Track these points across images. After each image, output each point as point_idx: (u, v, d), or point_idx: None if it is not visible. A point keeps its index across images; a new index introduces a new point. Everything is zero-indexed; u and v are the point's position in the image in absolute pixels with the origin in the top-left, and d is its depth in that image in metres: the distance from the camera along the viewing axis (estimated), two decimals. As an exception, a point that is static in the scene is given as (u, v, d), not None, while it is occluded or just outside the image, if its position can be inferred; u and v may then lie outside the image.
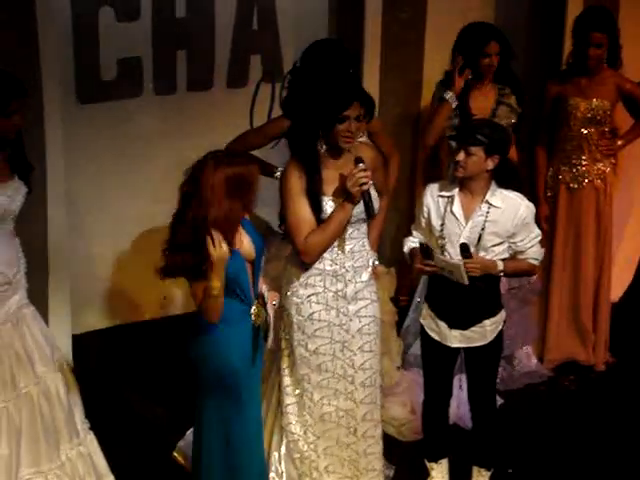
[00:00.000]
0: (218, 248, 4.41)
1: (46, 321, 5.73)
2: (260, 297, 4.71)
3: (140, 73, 6.57)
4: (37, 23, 5.84)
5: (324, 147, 4.93)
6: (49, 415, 4.86)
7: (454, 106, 5.98)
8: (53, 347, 5.00)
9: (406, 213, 6.84)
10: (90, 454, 5.08)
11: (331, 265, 5.01)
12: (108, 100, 6.52)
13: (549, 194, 6.59)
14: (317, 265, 5.01)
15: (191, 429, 5.44)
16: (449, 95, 5.97)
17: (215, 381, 4.67)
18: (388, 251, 6.57)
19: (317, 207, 4.91)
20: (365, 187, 4.83)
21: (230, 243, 4.49)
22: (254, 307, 4.66)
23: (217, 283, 4.43)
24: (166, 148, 6.73)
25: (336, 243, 4.99)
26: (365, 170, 4.82)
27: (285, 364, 5.16)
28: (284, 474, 5.21)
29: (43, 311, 5.82)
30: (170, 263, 4.49)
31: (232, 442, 4.75)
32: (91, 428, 5.16)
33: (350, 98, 4.86)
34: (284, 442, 5.20)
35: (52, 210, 6.10)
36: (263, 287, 4.75)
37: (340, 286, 5.04)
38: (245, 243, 4.62)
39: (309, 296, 5.02)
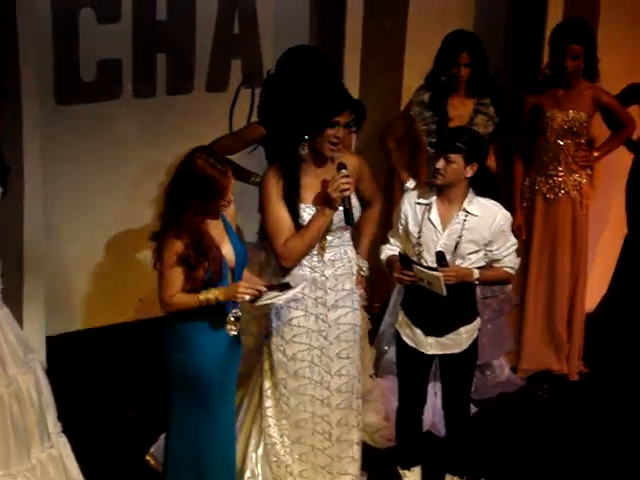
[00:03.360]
0: (245, 295, 4.55)
1: (20, 322, 5.69)
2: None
3: (120, 75, 6.57)
4: (17, 23, 5.83)
5: (306, 153, 4.91)
6: (20, 417, 4.82)
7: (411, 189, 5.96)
8: (27, 348, 4.96)
9: (383, 220, 6.85)
10: (62, 457, 5.04)
11: (310, 272, 5.00)
12: (87, 102, 6.52)
13: (525, 204, 6.61)
14: (296, 272, 5.00)
15: (164, 433, 5.43)
16: (409, 186, 6.03)
17: (186, 386, 4.68)
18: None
19: (294, 213, 4.91)
20: (346, 193, 4.84)
21: (190, 238, 4.48)
22: (229, 317, 4.66)
23: (214, 299, 4.53)
24: (144, 151, 6.73)
25: (315, 251, 4.99)
26: (347, 176, 4.83)
27: (266, 367, 5.15)
28: (260, 476, 5.20)
29: (17, 312, 5.79)
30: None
31: (200, 447, 4.75)
32: (64, 431, 5.12)
33: (344, 102, 4.87)
34: (262, 444, 5.19)
35: (29, 211, 6.08)
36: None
37: (320, 293, 5.03)
38: (225, 250, 4.62)
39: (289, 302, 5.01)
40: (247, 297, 4.58)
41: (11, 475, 4.78)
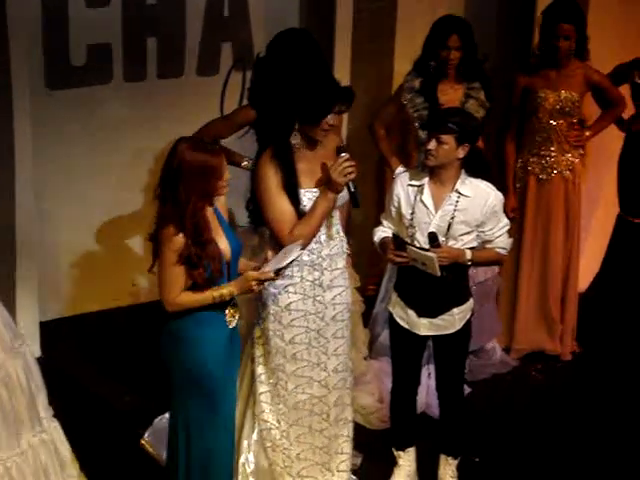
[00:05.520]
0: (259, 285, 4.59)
1: (13, 308, 5.70)
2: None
3: (110, 59, 6.54)
4: (6, 8, 5.81)
5: (299, 140, 4.90)
6: (9, 402, 4.78)
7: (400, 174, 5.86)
8: (15, 333, 4.94)
9: (375, 202, 6.85)
10: (54, 442, 5.02)
11: (308, 255, 4.98)
12: (77, 86, 6.50)
13: (518, 185, 6.61)
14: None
15: (159, 417, 5.45)
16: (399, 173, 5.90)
17: (188, 382, 4.64)
18: (357, 240, 6.57)
19: (296, 201, 4.90)
20: (351, 176, 4.83)
21: (192, 229, 4.44)
22: (228, 309, 4.65)
23: (228, 294, 4.54)
24: (135, 135, 6.71)
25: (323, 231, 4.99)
26: (349, 159, 4.82)
27: (259, 352, 5.13)
28: (253, 463, 5.20)
29: (10, 298, 5.80)
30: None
31: (204, 441, 4.72)
32: (57, 416, 5.11)
33: (339, 94, 4.86)
34: (256, 430, 5.18)
35: (20, 196, 6.08)
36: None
37: (317, 275, 5.02)
38: (221, 244, 4.60)
39: (286, 286, 4.99)
40: (261, 286, 4.64)
41: (1, 460, 4.78)
